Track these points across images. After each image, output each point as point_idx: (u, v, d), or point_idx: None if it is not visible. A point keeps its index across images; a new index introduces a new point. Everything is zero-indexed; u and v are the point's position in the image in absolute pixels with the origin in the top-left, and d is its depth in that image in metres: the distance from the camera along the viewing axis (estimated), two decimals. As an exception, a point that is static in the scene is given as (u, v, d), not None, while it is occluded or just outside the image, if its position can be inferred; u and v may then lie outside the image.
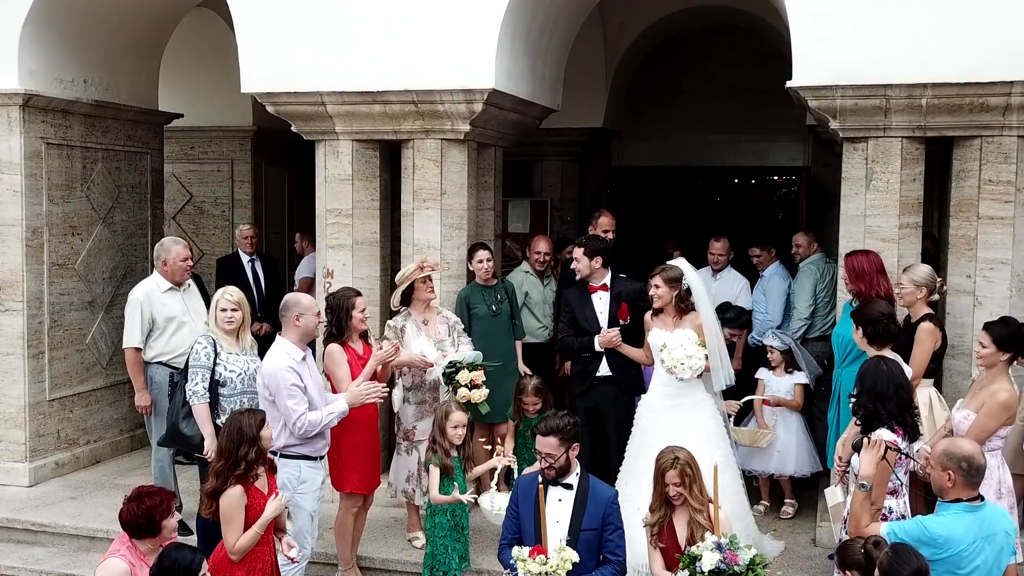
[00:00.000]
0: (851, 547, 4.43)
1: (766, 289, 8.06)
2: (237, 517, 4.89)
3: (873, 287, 6.14)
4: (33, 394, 7.93)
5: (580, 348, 6.72)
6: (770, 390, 7.31)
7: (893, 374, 5.04)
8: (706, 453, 5.87)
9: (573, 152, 11.25)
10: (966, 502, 4.42)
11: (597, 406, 6.71)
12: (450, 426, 5.98)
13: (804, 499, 7.40)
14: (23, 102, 7.68)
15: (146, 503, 4.61)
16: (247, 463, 4.91)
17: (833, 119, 6.49)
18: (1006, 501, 5.37)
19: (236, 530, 4.90)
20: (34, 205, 7.85)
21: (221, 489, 4.90)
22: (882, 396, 4.94)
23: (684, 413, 6.17)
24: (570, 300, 6.89)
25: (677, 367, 6.07)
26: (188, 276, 7.17)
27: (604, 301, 6.75)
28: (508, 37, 7.05)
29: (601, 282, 6.83)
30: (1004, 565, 4.42)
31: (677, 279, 6.25)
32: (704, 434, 6.11)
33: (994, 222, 6.38)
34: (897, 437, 4.88)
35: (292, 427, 5.55)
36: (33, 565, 6.83)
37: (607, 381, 6.71)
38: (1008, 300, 6.33)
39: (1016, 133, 6.28)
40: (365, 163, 7.45)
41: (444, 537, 6.02)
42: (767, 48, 10.36)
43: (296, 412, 5.53)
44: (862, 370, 5.13)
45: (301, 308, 5.71)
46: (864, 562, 4.30)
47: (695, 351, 6.06)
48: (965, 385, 6.14)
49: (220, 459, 4.97)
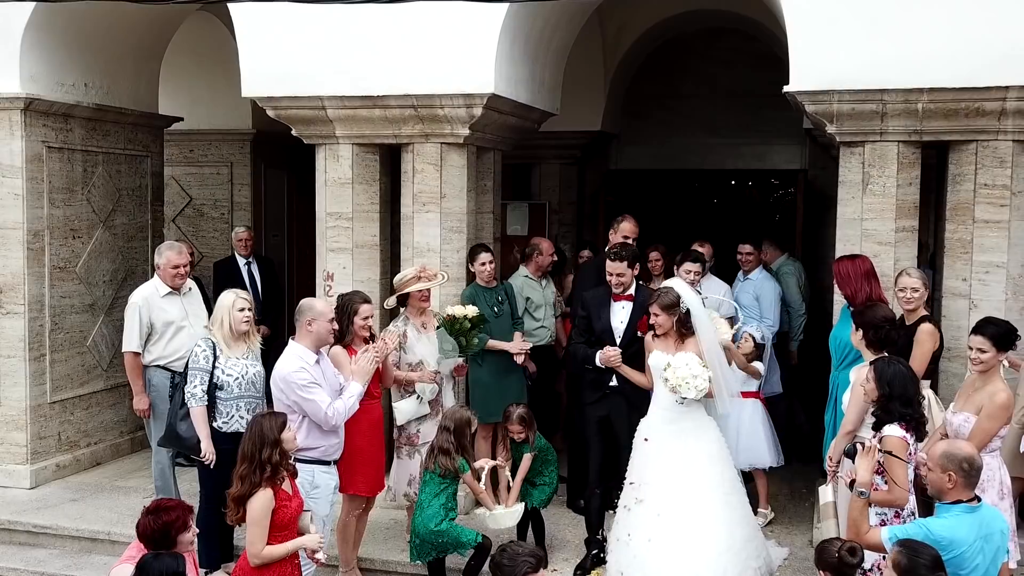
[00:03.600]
0: (827, 548, 4.47)
1: (759, 294, 8.04)
2: (264, 519, 4.87)
3: (859, 291, 6.18)
4: (34, 396, 7.97)
5: (584, 360, 6.51)
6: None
7: (912, 377, 5.09)
8: (711, 477, 5.93)
9: (571, 155, 11.29)
10: (966, 503, 4.46)
11: (609, 415, 6.52)
12: (482, 436, 6.08)
13: (802, 499, 7.46)
14: (25, 106, 7.73)
15: (163, 518, 4.56)
16: (272, 465, 4.88)
17: (830, 123, 6.54)
18: (1007, 501, 5.42)
19: (262, 532, 4.87)
20: (35, 208, 7.90)
21: (248, 493, 4.87)
22: (905, 398, 4.96)
23: (686, 437, 6.01)
24: (588, 304, 6.61)
25: (682, 386, 5.85)
26: (182, 282, 7.14)
27: (627, 311, 6.49)
28: (507, 42, 7.10)
29: (628, 291, 6.55)
30: (1000, 563, 4.48)
31: (674, 304, 6.07)
32: (707, 458, 5.99)
33: (989, 226, 6.44)
34: (906, 433, 4.91)
35: (324, 420, 5.59)
36: (35, 567, 6.87)
37: (620, 392, 6.49)
38: (1003, 303, 6.39)
39: (1011, 137, 6.34)
40: (365, 167, 7.49)
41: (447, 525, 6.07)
42: (765, 51, 10.41)
43: (322, 404, 5.58)
44: (891, 374, 5.01)
45: (314, 313, 5.74)
46: (838, 565, 4.35)
47: (700, 371, 5.87)
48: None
49: (243, 463, 4.93)
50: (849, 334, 5.85)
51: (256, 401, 6.29)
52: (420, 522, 6.06)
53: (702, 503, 5.86)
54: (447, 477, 6.06)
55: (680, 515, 5.83)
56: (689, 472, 5.91)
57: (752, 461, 7.09)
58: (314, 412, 5.61)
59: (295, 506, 5.05)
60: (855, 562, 4.40)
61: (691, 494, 5.87)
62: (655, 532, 5.84)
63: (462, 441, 6.10)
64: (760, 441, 7.11)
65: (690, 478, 5.90)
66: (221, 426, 6.17)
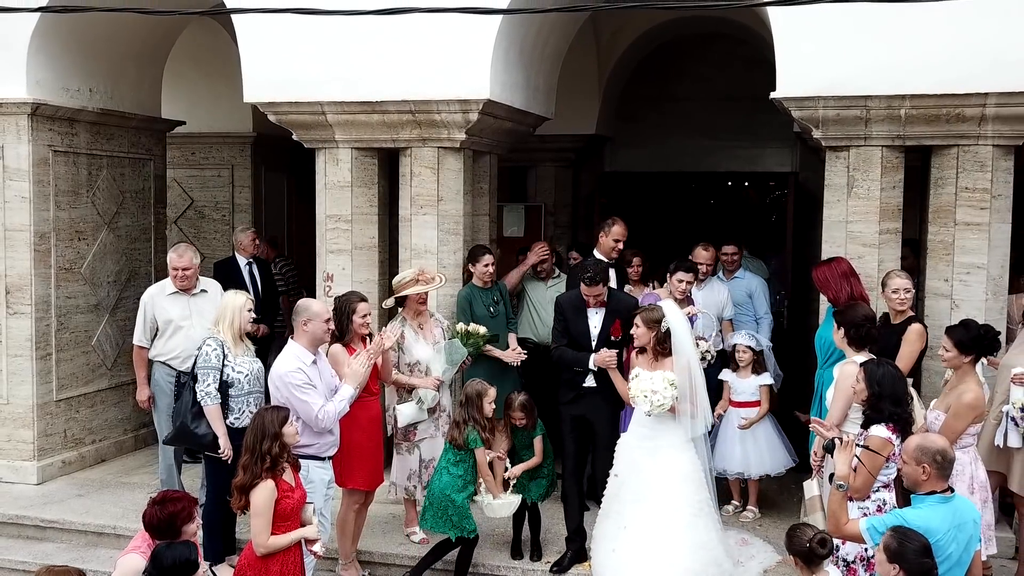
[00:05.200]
0: (798, 535, 4.63)
1: (751, 291, 8.18)
2: (268, 510, 5.08)
3: (840, 293, 6.37)
4: (41, 394, 8.16)
5: (574, 362, 6.66)
6: (736, 392, 7.39)
7: (900, 377, 5.27)
8: (679, 496, 6.03)
9: (566, 158, 11.45)
10: (940, 494, 4.65)
11: (585, 415, 6.69)
12: (487, 402, 6.30)
13: (790, 494, 7.62)
14: (31, 111, 7.91)
15: (169, 508, 4.78)
16: (272, 457, 5.10)
17: (816, 128, 6.72)
18: (978, 496, 5.60)
19: (266, 522, 5.08)
20: (42, 211, 8.08)
21: (251, 483, 5.09)
22: (895, 397, 5.12)
23: (659, 455, 6.12)
24: (565, 310, 6.80)
25: (638, 397, 6.02)
26: (185, 284, 7.31)
27: (600, 316, 6.66)
28: (503, 49, 7.28)
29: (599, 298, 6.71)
30: (972, 551, 4.66)
31: (656, 321, 6.15)
32: (679, 477, 6.08)
33: (970, 228, 6.63)
34: (892, 435, 5.08)
35: (315, 422, 5.74)
36: (42, 560, 6.96)
37: (595, 392, 6.66)
38: (984, 303, 6.58)
39: (991, 142, 6.53)
40: (364, 170, 7.68)
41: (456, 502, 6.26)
42: (757, 55, 10.55)
43: (314, 406, 5.73)
44: (880, 374, 5.18)
45: (309, 314, 5.90)
46: (807, 553, 4.54)
47: (661, 388, 5.97)
48: (941, 385, 6.36)
49: (246, 453, 5.17)
50: (832, 333, 6.03)
51: (261, 396, 6.48)
52: (436, 486, 6.30)
53: (668, 522, 5.98)
54: (461, 450, 6.26)
55: (645, 531, 5.97)
56: (659, 490, 6.04)
57: (770, 468, 7.32)
58: (306, 413, 5.74)
59: (297, 497, 5.24)
60: (824, 553, 4.58)
61: (658, 512, 5.99)
62: (620, 544, 6.00)
63: (473, 413, 6.29)
64: (777, 448, 7.35)
65: (660, 496, 6.02)
66: (233, 422, 6.34)
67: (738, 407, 7.39)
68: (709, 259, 7.94)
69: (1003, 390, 6.11)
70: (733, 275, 8.30)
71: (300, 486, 5.36)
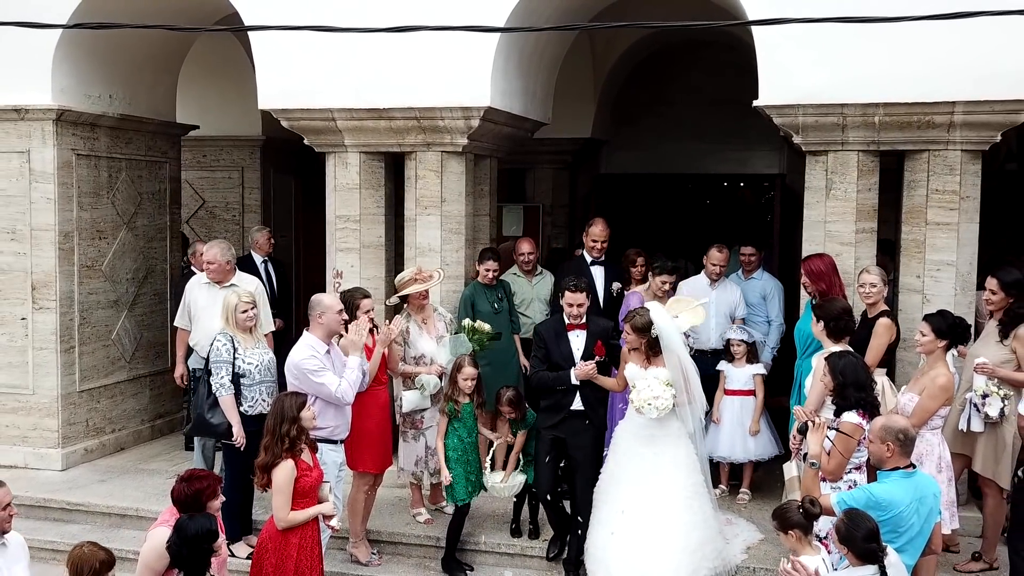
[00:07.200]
0: (789, 510, 4.97)
1: (766, 293, 8.28)
2: (288, 487, 5.52)
3: (833, 285, 6.79)
4: (64, 385, 8.57)
5: (555, 381, 6.65)
6: (730, 380, 7.76)
7: (861, 365, 5.68)
8: (675, 481, 6.36)
9: (563, 160, 11.80)
10: (903, 470, 5.08)
11: (565, 438, 6.71)
12: (461, 377, 6.77)
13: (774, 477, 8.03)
14: (56, 117, 8.31)
15: (195, 485, 5.18)
16: (291, 439, 5.55)
17: (796, 134, 7.13)
18: (944, 475, 6.02)
19: (287, 499, 5.52)
20: (66, 211, 8.48)
21: (272, 463, 5.53)
22: (857, 384, 5.51)
23: (656, 443, 6.36)
24: (544, 337, 6.77)
25: (644, 407, 6.23)
26: (215, 277, 7.64)
27: (581, 339, 6.68)
28: (502, 58, 7.67)
29: (581, 321, 6.73)
30: (932, 523, 5.10)
31: (645, 328, 6.32)
32: (673, 464, 6.34)
33: (941, 227, 7.04)
34: (862, 420, 5.46)
35: (336, 399, 6.18)
36: (69, 540, 7.28)
37: (578, 415, 6.68)
38: (953, 298, 6.99)
39: (960, 147, 6.94)
40: (371, 173, 8.07)
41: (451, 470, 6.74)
42: (745, 62, 10.88)
43: (331, 385, 6.16)
44: (842, 365, 5.55)
45: (323, 307, 6.32)
46: (804, 520, 4.89)
47: (661, 391, 6.20)
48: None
49: (267, 435, 5.62)
50: (811, 326, 6.44)
51: (273, 385, 6.90)
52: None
53: (664, 505, 6.28)
54: (450, 422, 6.78)
55: (642, 514, 6.30)
56: (655, 475, 6.36)
57: (760, 453, 7.74)
58: (327, 394, 6.18)
59: (315, 476, 5.68)
60: (817, 512, 4.92)
61: (655, 495, 6.29)
62: (618, 527, 6.33)
63: (453, 384, 6.80)
64: (763, 435, 7.75)
65: (655, 481, 6.34)
66: (247, 410, 6.75)
67: (732, 395, 7.77)
68: (723, 260, 8.01)
69: (967, 378, 6.52)
70: (751, 275, 8.38)
71: (317, 466, 5.78)
